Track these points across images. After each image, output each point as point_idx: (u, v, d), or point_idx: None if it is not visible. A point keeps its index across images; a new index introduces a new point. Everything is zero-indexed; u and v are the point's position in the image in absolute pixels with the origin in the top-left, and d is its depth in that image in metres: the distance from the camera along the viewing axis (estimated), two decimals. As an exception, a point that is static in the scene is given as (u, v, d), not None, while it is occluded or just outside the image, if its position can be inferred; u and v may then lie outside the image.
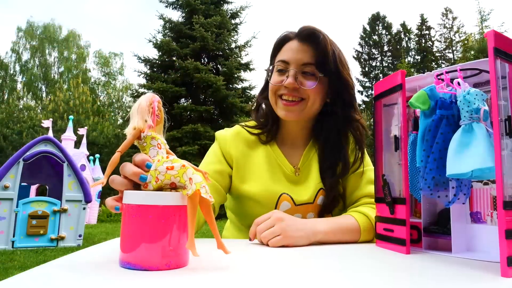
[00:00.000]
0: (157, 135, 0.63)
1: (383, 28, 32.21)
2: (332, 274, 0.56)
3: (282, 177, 1.08)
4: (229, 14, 13.94)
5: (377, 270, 0.59)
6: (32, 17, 36.42)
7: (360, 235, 0.94)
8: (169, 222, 0.57)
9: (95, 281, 0.48)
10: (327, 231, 0.89)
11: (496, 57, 0.60)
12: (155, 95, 0.63)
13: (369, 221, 0.96)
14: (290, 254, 0.73)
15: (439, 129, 0.68)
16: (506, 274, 0.55)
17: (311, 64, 1.02)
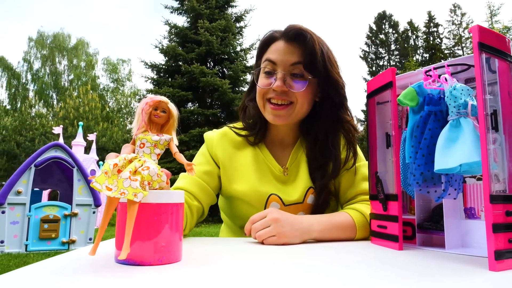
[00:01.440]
0: (147, 135, 0.64)
1: (390, 27, 31.99)
2: (324, 270, 0.56)
3: (271, 177, 1.07)
4: (234, 17, 13.98)
5: (367, 266, 0.60)
6: (42, 27, 36.99)
7: (356, 233, 0.93)
8: (161, 220, 0.59)
9: (91, 275, 0.50)
10: (322, 230, 0.89)
11: (481, 51, 0.60)
12: (154, 96, 0.65)
13: (364, 218, 0.95)
14: (283, 251, 0.74)
15: (427, 125, 0.68)
16: (494, 268, 0.55)
17: (300, 65, 0.99)
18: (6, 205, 4.49)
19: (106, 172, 0.56)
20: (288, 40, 1.00)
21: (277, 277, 0.51)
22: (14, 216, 4.55)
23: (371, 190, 0.87)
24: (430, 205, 0.84)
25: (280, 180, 1.07)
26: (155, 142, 0.65)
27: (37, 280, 0.48)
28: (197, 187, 1.02)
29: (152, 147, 0.65)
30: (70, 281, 0.47)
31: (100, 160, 10.23)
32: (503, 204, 0.57)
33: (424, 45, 30.11)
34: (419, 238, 0.81)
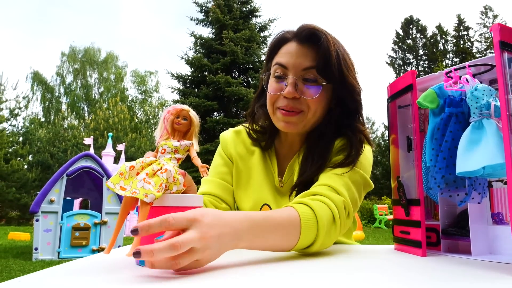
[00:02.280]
0: (169, 141, 0.67)
1: (417, 32, 31.42)
2: (345, 276, 0.56)
3: (271, 186, 1.03)
4: (258, 27, 14.13)
5: (389, 272, 0.58)
6: (74, 42, 38.67)
7: (300, 235, 0.70)
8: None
9: (112, 275, 0.52)
10: (253, 238, 0.62)
11: (503, 50, 0.59)
12: (177, 105, 0.68)
13: (313, 215, 0.73)
14: (293, 255, 0.73)
15: (448, 127, 0.66)
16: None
17: (313, 69, 0.91)
18: (40, 214, 4.67)
19: (122, 173, 0.59)
20: (300, 41, 0.93)
21: (293, 281, 0.50)
22: (47, 224, 4.73)
23: (393, 195, 0.86)
24: (455, 210, 0.81)
25: (278, 190, 1.03)
26: (176, 147, 0.67)
27: (57, 279, 0.49)
28: (221, 189, 1.02)
29: (173, 152, 0.67)
30: (89, 279, 0.49)
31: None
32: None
33: (454, 49, 29.35)
34: (444, 245, 0.78)
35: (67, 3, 47.86)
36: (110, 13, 47.14)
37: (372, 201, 15.45)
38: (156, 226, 0.50)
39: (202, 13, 14.19)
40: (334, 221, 0.78)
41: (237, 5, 14.13)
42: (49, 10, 46.31)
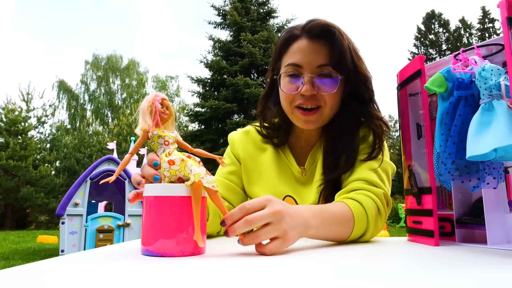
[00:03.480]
0: (164, 132, 0.66)
1: (440, 26, 30.68)
2: (354, 268, 0.54)
3: (290, 179, 1.03)
4: (276, 28, 14.11)
5: (401, 261, 0.56)
6: (97, 50, 39.75)
7: (354, 226, 0.78)
8: (182, 212, 0.60)
9: (119, 264, 0.53)
10: (318, 225, 0.71)
11: (511, 27, 0.56)
12: (158, 93, 0.67)
13: (362, 208, 0.81)
14: (305, 247, 0.72)
15: (457, 111, 0.64)
16: (535, 259, 0.50)
17: (328, 65, 0.91)
18: (66, 217, 4.81)
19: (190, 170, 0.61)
20: (311, 37, 0.93)
21: (305, 273, 0.49)
22: (73, 227, 4.86)
23: (405, 184, 0.83)
24: (471, 199, 0.78)
25: (300, 181, 1.03)
26: (174, 138, 0.67)
27: (71, 267, 0.50)
28: (225, 188, 1.03)
29: (174, 143, 0.67)
30: (97, 268, 0.49)
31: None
32: (544, 190, 0.52)
33: (479, 42, 28.43)
34: (458, 234, 0.75)
35: (89, 13, 49.22)
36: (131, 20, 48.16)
37: (396, 200, 15.14)
38: (236, 214, 0.60)
39: (220, 16, 14.29)
40: (380, 212, 0.85)
41: (254, 7, 14.16)
42: (72, 20, 47.75)
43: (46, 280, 0.42)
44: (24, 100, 17.37)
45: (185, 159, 0.63)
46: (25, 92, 17.48)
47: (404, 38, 56.45)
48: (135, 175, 0.67)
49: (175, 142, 0.68)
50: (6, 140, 16.10)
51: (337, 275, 0.44)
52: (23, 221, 17.16)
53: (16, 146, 15.82)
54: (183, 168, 0.62)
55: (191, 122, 14.88)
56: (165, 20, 50.41)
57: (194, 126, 14.53)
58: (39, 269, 0.48)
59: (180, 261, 0.55)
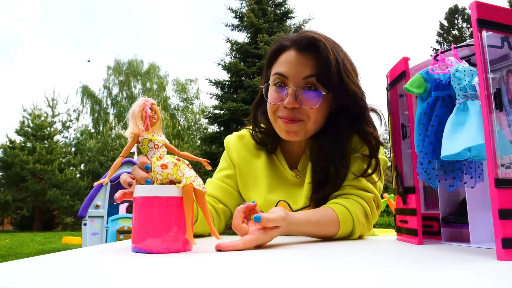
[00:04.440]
0: (154, 136, 0.70)
1: (464, 21, 29.86)
2: (327, 264, 0.57)
3: (284, 182, 1.04)
4: (293, 28, 14.07)
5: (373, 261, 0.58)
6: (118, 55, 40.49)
7: (339, 228, 0.86)
8: (167, 212, 0.64)
9: (110, 260, 0.57)
10: (302, 222, 0.80)
11: (481, 28, 0.57)
12: (148, 98, 0.71)
13: (348, 212, 0.87)
14: (294, 246, 0.74)
15: (434, 111, 0.65)
16: (502, 257, 0.51)
17: (312, 78, 0.91)
18: (87, 218, 4.96)
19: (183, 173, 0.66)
20: (299, 50, 0.92)
21: (288, 272, 0.52)
22: (94, 228, 5.01)
23: (393, 184, 0.84)
24: (458, 198, 0.79)
25: (294, 184, 1.04)
26: (163, 142, 0.71)
27: (63, 263, 0.54)
28: (220, 191, 1.06)
29: (163, 147, 0.71)
30: (88, 262, 0.53)
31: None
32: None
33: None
34: (444, 233, 0.76)
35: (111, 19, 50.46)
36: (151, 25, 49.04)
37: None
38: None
39: (237, 19, 14.37)
40: (367, 216, 0.92)
41: (271, 8, 14.17)
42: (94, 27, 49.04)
43: (42, 275, 0.46)
44: (49, 105, 17.96)
45: (178, 163, 0.67)
46: (50, 98, 18.07)
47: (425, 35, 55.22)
48: (125, 176, 0.71)
49: (164, 145, 0.71)
50: (33, 144, 16.68)
51: (312, 271, 0.46)
52: (50, 223, 17.72)
53: (42, 150, 16.37)
54: (175, 172, 0.66)
55: (210, 124, 15.00)
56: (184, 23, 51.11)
57: (213, 128, 14.65)
58: (32, 264, 0.53)
59: (166, 257, 0.58)
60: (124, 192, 0.70)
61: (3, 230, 16.57)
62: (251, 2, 13.69)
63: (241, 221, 0.71)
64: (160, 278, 0.41)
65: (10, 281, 0.40)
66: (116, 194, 0.70)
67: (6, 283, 0.38)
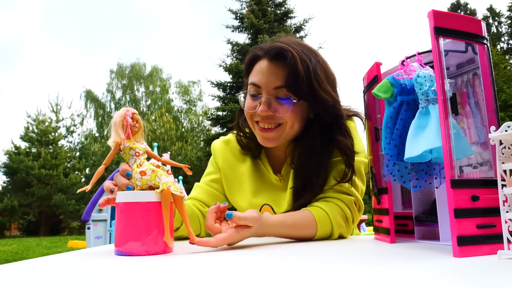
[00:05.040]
0: (135, 144, 0.73)
1: (466, 16, 29.71)
2: (300, 262, 0.60)
3: (269, 186, 1.07)
4: (293, 28, 14.11)
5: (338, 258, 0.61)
6: (121, 59, 40.74)
7: (317, 230, 0.88)
8: (147, 216, 0.68)
9: (93, 262, 0.62)
10: (277, 224, 0.83)
11: (437, 36, 0.60)
12: (129, 108, 0.74)
13: (326, 215, 0.90)
14: (271, 246, 0.77)
15: (399, 115, 0.68)
16: (457, 254, 0.54)
17: (283, 87, 0.93)
18: (91, 222, 5.01)
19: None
20: (270, 59, 0.95)
21: (264, 272, 0.55)
22: (98, 232, 5.06)
23: (371, 185, 0.87)
24: (431, 198, 0.81)
25: (278, 187, 1.07)
26: (144, 149, 0.74)
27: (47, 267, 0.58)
28: (206, 194, 1.10)
29: (144, 154, 0.74)
30: (72, 266, 0.57)
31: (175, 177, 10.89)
32: (468, 189, 0.56)
33: (510, 31, 27.46)
34: (417, 232, 0.79)
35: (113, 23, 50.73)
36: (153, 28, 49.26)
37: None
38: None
39: (237, 20, 14.42)
40: (347, 218, 0.94)
41: (271, 8, 14.21)
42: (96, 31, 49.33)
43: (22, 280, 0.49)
44: (53, 111, 18.11)
45: (155, 170, 0.70)
46: (54, 103, 18.21)
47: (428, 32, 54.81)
48: (108, 183, 0.75)
49: (145, 152, 0.75)
50: (38, 150, 16.82)
51: (282, 269, 0.49)
52: (56, 227, 17.86)
53: (47, 155, 16.50)
54: (153, 178, 0.69)
55: (213, 125, 15.08)
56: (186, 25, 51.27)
57: (216, 130, 14.72)
58: (11, 270, 0.56)
59: (145, 259, 0.62)
60: (108, 198, 0.74)
61: (11, 235, 16.71)
62: (251, 3, 13.73)
63: (213, 221, 0.75)
64: (136, 279, 0.45)
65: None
66: (100, 200, 0.74)
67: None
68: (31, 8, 49.48)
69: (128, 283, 0.43)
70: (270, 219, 0.82)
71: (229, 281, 0.43)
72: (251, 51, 1.02)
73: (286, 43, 0.95)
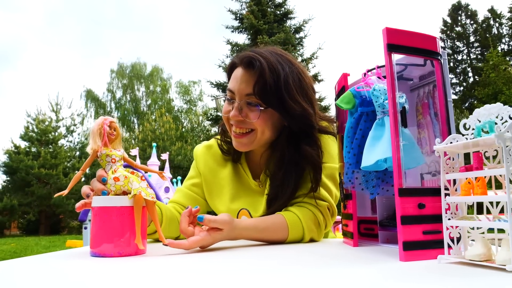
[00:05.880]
0: (112, 151, 0.77)
1: (467, 17, 29.75)
2: (258, 265, 0.63)
3: (248, 191, 1.11)
4: (293, 29, 14.13)
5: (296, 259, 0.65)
6: (121, 59, 40.74)
7: (288, 233, 0.92)
8: (120, 220, 0.72)
9: (68, 263, 0.66)
10: (248, 227, 0.87)
11: (390, 52, 0.63)
12: (107, 117, 0.78)
13: (297, 219, 0.93)
14: (236, 252, 0.80)
15: (359, 125, 0.71)
16: (402, 258, 0.58)
17: (253, 95, 0.97)
18: (88, 222, 5.04)
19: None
20: (244, 67, 1.00)
21: (231, 272, 0.59)
22: (95, 231, 5.10)
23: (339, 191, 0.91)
24: (396, 203, 0.85)
25: (257, 192, 1.10)
26: (121, 156, 0.78)
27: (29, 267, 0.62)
28: (187, 198, 1.14)
29: (120, 161, 0.78)
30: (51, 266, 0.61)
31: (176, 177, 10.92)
32: (415, 197, 0.59)
33: (511, 33, 27.47)
34: (381, 236, 0.82)
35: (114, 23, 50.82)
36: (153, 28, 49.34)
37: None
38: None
39: (237, 20, 14.44)
40: (319, 223, 0.97)
41: (271, 9, 14.23)
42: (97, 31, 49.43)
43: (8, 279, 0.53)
44: (53, 110, 18.15)
45: (128, 176, 0.74)
46: (54, 103, 18.26)
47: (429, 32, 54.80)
48: (85, 188, 0.79)
49: (122, 159, 0.79)
50: (37, 149, 16.87)
51: (236, 270, 0.53)
52: (56, 226, 17.91)
53: (47, 155, 16.55)
54: (126, 184, 0.73)
55: (213, 126, 15.13)
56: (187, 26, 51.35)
57: (216, 130, 14.76)
58: None
59: (118, 260, 0.66)
60: (85, 202, 0.78)
61: (10, 234, 16.78)
62: (250, 3, 13.76)
63: (186, 224, 0.79)
64: (105, 280, 0.49)
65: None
66: (77, 204, 0.78)
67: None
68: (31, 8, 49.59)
69: (97, 283, 0.47)
70: (242, 223, 0.86)
71: (195, 282, 0.46)
72: (231, 59, 1.07)
73: (259, 52, 1.00)
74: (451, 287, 0.42)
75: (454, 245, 0.56)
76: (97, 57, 48.04)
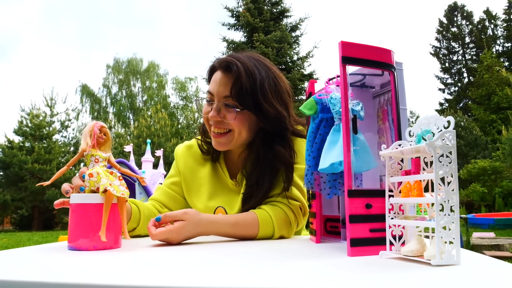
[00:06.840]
0: (97, 151, 0.82)
1: (463, 18, 29.96)
2: (221, 260, 0.69)
3: (225, 190, 1.16)
4: (289, 27, 14.16)
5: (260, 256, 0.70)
6: (117, 54, 40.78)
7: (259, 230, 0.96)
8: (94, 216, 0.77)
9: (48, 256, 0.71)
10: (217, 221, 0.91)
11: (344, 64, 0.69)
12: (98, 122, 0.84)
13: (268, 216, 0.98)
14: (212, 244, 0.86)
15: (319, 130, 0.77)
16: (350, 253, 0.63)
17: (230, 97, 1.03)
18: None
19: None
20: (222, 71, 1.05)
21: (195, 267, 0.64)
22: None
23: (307, 191, 0.96)
24: (358, 203, 0.90)
25: (234, 191, 1.15)
26: (106, 158, 0.83)
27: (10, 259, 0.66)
28: (166, 196, 1.19)
29: (104, 161, 0.84)
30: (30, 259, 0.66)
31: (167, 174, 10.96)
32: (363, 198, 0.65)
33: (505, 34, 27.70)
34: (343, 233, 0.88)
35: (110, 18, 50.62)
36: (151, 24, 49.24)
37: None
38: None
39: (234, 18, 14.46)
40: (290, 222, 1.02)
41: (267, 7, 14.25)
42: (94, 26, 49.23)
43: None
44: (48, 105, 18.08)
45: (100, 172, 0.80)
46: (48, 98, 18.18)
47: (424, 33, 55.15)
48: (65, 185, 0.84)
49: (105, 160, 0.84)
50: (31, 144, 16.80)
51: (203, 265, 0.58)
52: (49, 222, 17.88)
53: (41, 150, 16.49)
54: (99, 180, 0.79)
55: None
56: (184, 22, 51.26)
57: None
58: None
59: (92, 253, 0.71)
60: (63, 200, 0.84)
61: (3, 229, 16.74)
62: (247, 1, 13.78)
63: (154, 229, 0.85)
64: (80, 269, 0.54)
65: None
66: (56, 201, 0.83)
67: None
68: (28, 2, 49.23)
69: (70, 273, 0.52)
70: (211, 216, 0.91)
71: (148, 274, 0.51)
72: (212, 63, 1.12)
73: (237, 57, 1.05)
74: (376, 277, 0.47)
75: (396, 242, 0.62)
76: (94, 52, 47.84)
